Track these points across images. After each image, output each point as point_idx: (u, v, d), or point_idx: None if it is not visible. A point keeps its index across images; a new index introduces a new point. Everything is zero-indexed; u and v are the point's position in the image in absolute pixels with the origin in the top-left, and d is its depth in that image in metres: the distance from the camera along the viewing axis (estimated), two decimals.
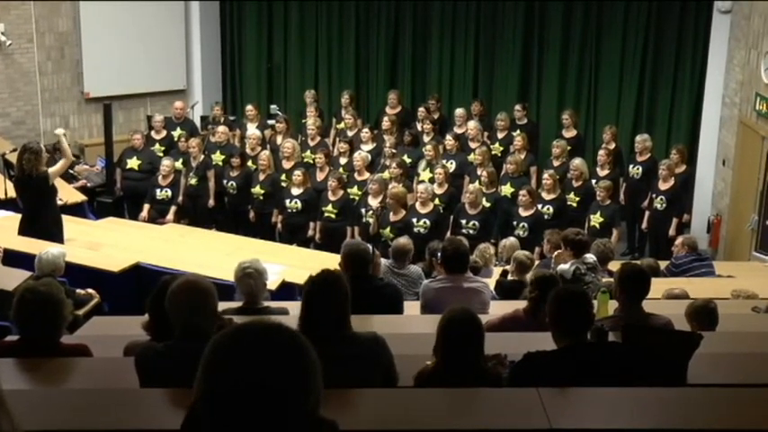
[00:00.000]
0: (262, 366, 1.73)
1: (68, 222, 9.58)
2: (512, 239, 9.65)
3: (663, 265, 9.29)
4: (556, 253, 8.13)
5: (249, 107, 13.91)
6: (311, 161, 12.35)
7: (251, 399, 1.70)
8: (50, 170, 9.16)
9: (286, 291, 8.03)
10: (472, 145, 12.50)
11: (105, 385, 4.32)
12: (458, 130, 13.10)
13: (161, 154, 12.79)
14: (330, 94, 15.60)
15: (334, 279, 4.24)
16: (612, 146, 12.37)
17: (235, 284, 6.07)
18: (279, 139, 12.91)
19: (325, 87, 15.67)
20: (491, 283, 7.59)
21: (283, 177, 11.79)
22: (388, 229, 10.29)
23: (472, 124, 12.89)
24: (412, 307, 6.67)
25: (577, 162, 11.62)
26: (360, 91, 15.42)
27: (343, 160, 12.30)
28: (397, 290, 6.73)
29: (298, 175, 11.29)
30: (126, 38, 14.60)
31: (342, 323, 4.13)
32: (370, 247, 6.70)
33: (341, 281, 4.23)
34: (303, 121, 13.66)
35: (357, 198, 11.29)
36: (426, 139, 12.85)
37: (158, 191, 11.93)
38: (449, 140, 12.46)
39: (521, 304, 5.96)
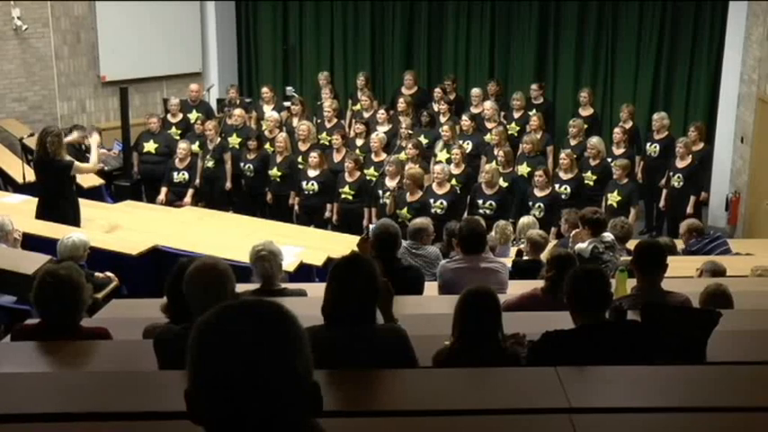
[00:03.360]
0: (248, 343, 1.70)
1: (86, 206, 9.61)
2: (528, 218, 9.56)
3: (680, 244, 9.23)
4: (573, 232, 8.10)
5: (265, 89, 13.90)
6: (327, 143, 12.35)
7: (240, 377, 1.69)
8: (77, 164, 9.13)
9: (304, 272, 8.05)
10: (488, 125, 12.45)
11: (125, 368, 4.35)
12: (474, 111, 13.04)
13: (177, 137, 12.80)
14: (346, 76, 15.55)
15: (359, 263, 4.02)
16: (629, 124, 12.29)
17: (251, 266, 6.09)
18: (295, 122, 12.89)
19: (340, 69, 15.62)
20: (508, 262, 7.57)
21: (300, 159, 11.79)
22: (405, 209, 10.27)
23: (488, 104, 12.83)
24: (430, 287, 6.66)
25: (594, 141, 11.56)
26: (375, 72, 15.38)
27: (359, 142, 12.29)
28: (420, 273, 6.65)
29: (314, 156, 11.29)
30: (141, 21, 14.59)
31: (365, 312, 3.91)
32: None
33: (367, 265, 3.99)
34: (319, 103, 13.63)
35: (374, 179, 11.27)
36: (443, 119, 12.79)
37: (175, 174, 11.96)
38: (465, 121, 12.42)
39: (538, 284, 5.95)
